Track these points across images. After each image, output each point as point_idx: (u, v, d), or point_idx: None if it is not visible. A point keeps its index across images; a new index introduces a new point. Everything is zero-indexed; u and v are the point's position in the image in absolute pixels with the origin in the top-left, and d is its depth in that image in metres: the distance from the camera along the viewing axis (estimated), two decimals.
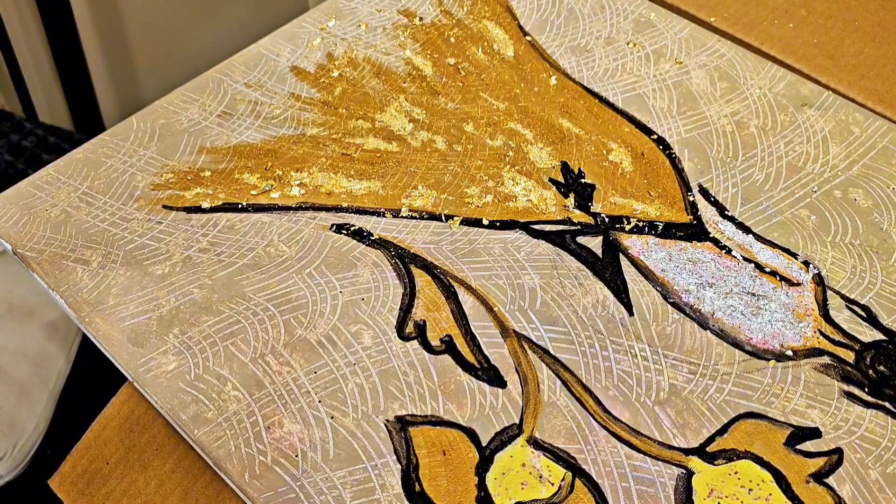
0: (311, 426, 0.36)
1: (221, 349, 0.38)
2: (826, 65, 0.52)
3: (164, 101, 0.49)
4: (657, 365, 0.38)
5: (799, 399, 0.37)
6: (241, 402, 0.37)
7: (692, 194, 0.45)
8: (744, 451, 0.36)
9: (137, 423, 0.42)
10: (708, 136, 0.47)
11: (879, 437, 0.36)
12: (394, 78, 0.50)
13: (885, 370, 0.38)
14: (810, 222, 0.44)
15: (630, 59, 0.51)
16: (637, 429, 0.36)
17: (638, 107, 0.49)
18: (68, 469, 0.41)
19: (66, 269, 0.41)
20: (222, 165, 0.45)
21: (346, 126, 0.48)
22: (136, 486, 0.40)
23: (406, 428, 0.36)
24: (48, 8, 0.88)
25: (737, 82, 0.50)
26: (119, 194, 0.44)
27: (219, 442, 0.36)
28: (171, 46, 1.05)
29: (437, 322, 0.39)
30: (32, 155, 0.78)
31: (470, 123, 0.48)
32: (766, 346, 0.39)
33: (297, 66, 0.51)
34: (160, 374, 0.38)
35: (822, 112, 0.49)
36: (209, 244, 0.42)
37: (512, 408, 0.37)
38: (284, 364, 0.38)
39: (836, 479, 0.35)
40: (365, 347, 0.39)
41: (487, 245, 0.42)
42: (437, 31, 0.53)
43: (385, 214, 0.44)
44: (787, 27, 0.55)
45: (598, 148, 0.47)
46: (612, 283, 0.41)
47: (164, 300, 0.40)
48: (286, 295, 0.40)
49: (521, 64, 0.51)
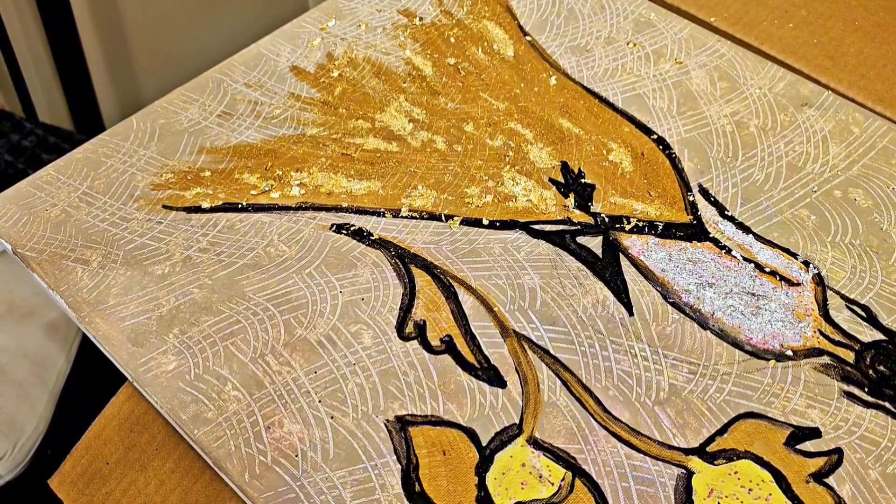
0: (311, 426, 0.36)
1: (221, 349, 0.38)
2: (826, 65, 0.52)
3: (164, 101, 0.49)
4: (657, 365, 0.38)
5: (799, 399, 0.37)
6: (241, 402, 0.37)
7: (692, 194, 0.45)
8: (744, 451, 0.36)
9: (137, 423, 0.42)
10: (708, 136, 0.47)
11: (879, 437, 0.36)
12: (394, 78, 0.50)
13: (885, 370, 0.38)
14: (810, 222, 0.44)
15: (630, 59, 0.51)
16: (637, 429, 0.36)
17: (638, 107, 0.49)
18: (68, 469, 0.41)
19: (66, 268, 0.41)
20: (222, 165, 0.45)
21: (346, 126, 0.48)
22: (136, 485, 0.40)
23: (406, 428, 0.36)
24: (48, 8, 0.88)
25: (737, 82, 0.50)
26: (119, 194, 0.44)
27: (219, 442, 0.36)
28: (171, 46, 1.05)
29: (437, 322, 0.39)
30: (32, 155, 0.78)
31: (470, 123, 0.48)
32: (766, 346, 0.39)
33: (297, 66, 0.51)
34: (160, 373, 0.38)
35: (822, 112, 0.49)
36: (209, 244, 0.42)
37: (512, 408, 0.37)
38: (284, 364, 0.38)
39: (836, 479, 0.35)
40: (365, 347, 0.39)
41: (487, 245, 0.42)
42: (437, 31, 0.53)
43: (385, 214, 0.44)
44: (787, 27, 0.55)
45: (598, 148, 0.47)
46: (612, 283, 0.41)
47: (164, 300, 0.40)
48: (286, 295, 0.40)
49: (521, 64, 0.51)
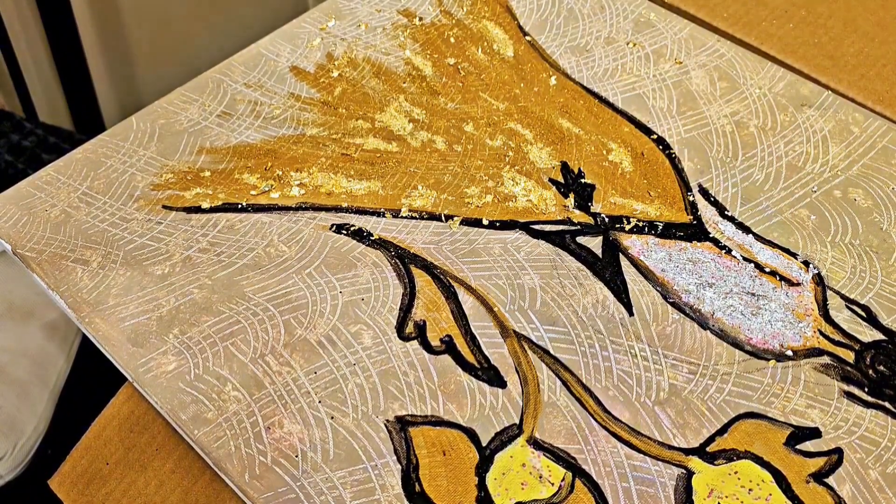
0: (311, 426, 0.36)
1: (221, 349, 0.38)
2: (826, 65, 0.52)
3: (163, 101, 0.49)
4: (657, 365, 0.38)
5: (799, 399, 0.37)
6: (241, 403, 0.37)
7: (692, 194, 0.45)
8: (744, 451, 0.36)
9: (137, 424, 0.42)
10: (708, 136, 0.47)
11: (879, 437, 0.36)
12: (393, 78, 0.50)
13: (885, 370, 0.38)
14: (810, 222, 0.44)
15: (630, 59, 0.51)
16: (637, 429, 0.36)
17: (638, 107, 0.49)
18: (68, 469, 0.41)
19: (65, 269, 0.41)
20: (222, 165, 0.45)
21: (346, 126, 0.48)
22: (136, 486, 0.40)
23: (406, 428, 0.36)
24: (48, 8, 0.88)
25: (736, 82, 0.50)
26: (119, 194, 0.44)
27: (219, 442, 0.36)
28: (171, 46, 1.05)
29: (437, 322, 0.39)
30: (32, 155, 0.78)
31: (470, 123, 0.48)
32: (766, 346, 0.39)
33: (297, 66, 0.51)
34: (160, 374, 0.38)
35: (822, 112, 0.49)
36: (209, 244, 0.42)
37: (512, 408, 0.37)
38: (284, 364, 0.38)
39: (836, 479, 0.35)
40: (365, 347, 0.39)
41: (487, 245, 0.42)
42: (436, 32, 0.53)
43: (385, 214, 0.44)
44: (787, 27, 0.54)
45: (598, 148, 0.47)
46: (612, 283, 0.41)
47: (164, 300, 0.40)
48: (286, 295, 0.40)
49: (521, 64, 0.51)
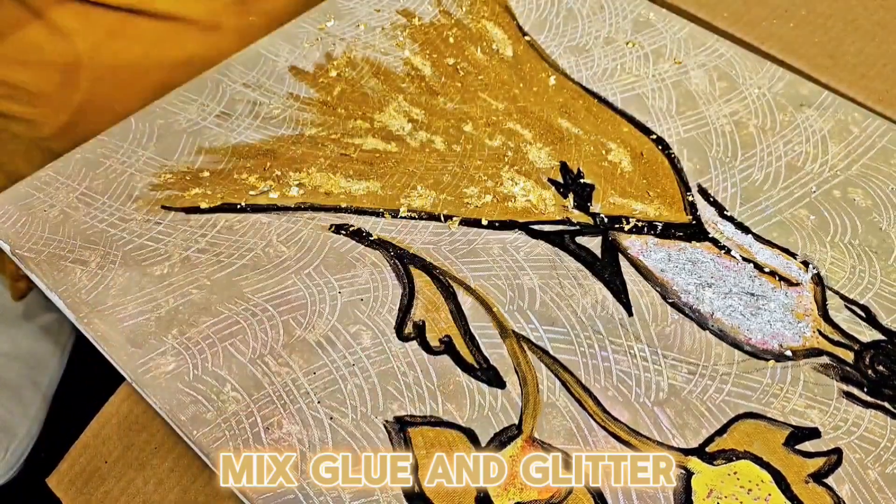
0: (310, 427, 0.36)
1: (220, 350, 0.38)
2: (826, 64, 0.52)
3: (162, 101, 0.49)
4: (656, 365, 0.38)
5: (798, 399, 0.37)
6: (240, 403, 0.37)
7: (691, 194, 0.45)
8: (743, 452, 0.36)
9: (136, 422, 0.42)
10: (707, 136, 0.47)
11: (878, 437, 0.36)
12: (392, 78, 0.50)
13: (885, 370, 0.38)
14: (809, 222, 0.44)
15: (629, 58, 0.51)
16: (636, 429, 0.36)
17: (637, 107, 0.49)
18: (66, 468, 0.41)
19: (64, 269, 0.41)
20: (221, 166, 0.45)
21: (345, 126, 0.48)
22: (134, 484, 0.40)
23: (405, 428, 0.36)
24: None
25: (736, 82, 0.50)
26: (117, 195, 0.44)
27: (218, 443, 0.36)
28: None
29: (436, 322, 0.39)
30: None
31: (469, 123, 0.48)
32: (766, 347, 0.39)
33: (296, 66, 0.51)
34: (159, 374, 0.38)
35: (822, 112, 0.49)
36: (208, 245, 0.42)
37: (511, 408, 0.37)
38: (283, 365, 0.38)
39: (835, 480, 0.35)
40: (364, 348, 0.39)
41: (486, 245, 0.42)
42: (435, 31, 0.53)
43: (384, 215, 0.44)
44: (787, 26, 0.54)
45: (597, 148, 0.47)
46: (612, 284, 0.41)
47: (163, 301, 0.40)
48: (285, 295, 0.40)
49: (520, 64, 0.51)
